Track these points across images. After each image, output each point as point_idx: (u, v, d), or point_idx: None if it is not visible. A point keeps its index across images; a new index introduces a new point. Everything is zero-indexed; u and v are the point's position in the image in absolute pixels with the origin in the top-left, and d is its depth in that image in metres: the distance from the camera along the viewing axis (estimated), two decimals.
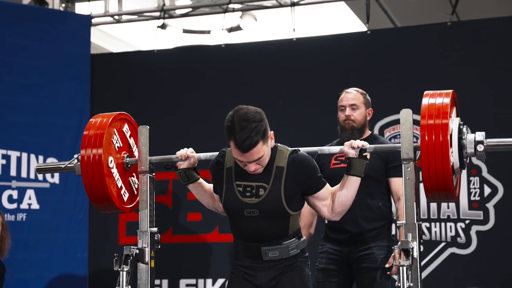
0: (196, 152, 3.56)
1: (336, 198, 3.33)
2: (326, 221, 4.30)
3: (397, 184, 4.17)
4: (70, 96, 6.21)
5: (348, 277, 4.26)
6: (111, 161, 3.71)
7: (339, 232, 4.22)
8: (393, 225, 4.49)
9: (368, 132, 4.32)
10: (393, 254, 4.08)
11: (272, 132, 3.24)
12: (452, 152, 3.20)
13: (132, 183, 3.87)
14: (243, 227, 3.32)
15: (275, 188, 3.25)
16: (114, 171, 3.73)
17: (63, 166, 3.90)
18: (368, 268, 4.17)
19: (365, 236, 4.19)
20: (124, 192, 3.80)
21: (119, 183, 3.76)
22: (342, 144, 3.91)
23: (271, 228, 3.27)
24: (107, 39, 8.56)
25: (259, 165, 3.21)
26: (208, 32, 8.63)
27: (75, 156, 3.78)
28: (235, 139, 3.12)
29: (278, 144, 3.34)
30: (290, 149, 3.34)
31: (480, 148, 3.25)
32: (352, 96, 4.31)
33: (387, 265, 4.10)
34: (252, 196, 3.26)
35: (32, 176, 5.97)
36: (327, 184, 3.36)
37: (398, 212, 4.16)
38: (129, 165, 3.82)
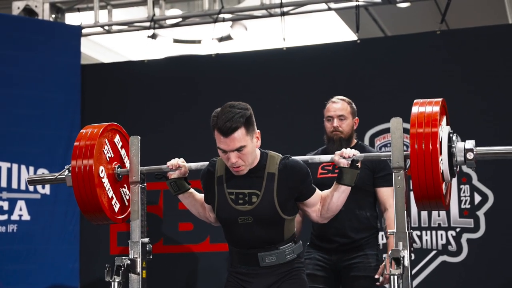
0: (187, 162, 3.57)
1: (325, 204, 3.35)
2: (313, 230, 4.28)
3: (385, 194, 4.17)
4: (60, 106, 6.20)
5: (334, 285, 4.23)
6: (102, 170, 3.71)
7: (327, 241, 4.20)
8: (380, 234, 4.48)
9: (354, 141, 4.31)
10: (383, 264, 4.08)
11: (258, 131, 3.26)
12: (442, 160, 3.21)
13: (123, 194, 3.87)
14: (237, 235, 3.32)
15: (268, 194, 3.25)
16: (105, 181, 3.72)
17: (54, 177, 3.90)
18: (357, 277, 4.15)
19: (354, 245, 4.18)
20: (115, 202, 3.80)
21: (110, 194, 3.75)
22: (328, 153, 3.92)
23: (267, 234, 3.28)
24: (97, 49, 8.57)
25: (242, 160, 3.19)
26: (199, 41, 8.65)
27: (66, 167, 3.78)
28: (218, 123, 3.15)
29: (269, 151, 3.35)
30: (281, 155, 3.34)
31: (470, 156, 3.26)
32: (339, 106, 4.27)
33: (377, 276, 4.08)
34: (245, 203, 3.26)
35: (23, 187, 5.96)
36: (317, 190, 3.37)
37: (386, 222, 4.15)
38: (120, 176, 3.82)
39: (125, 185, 3.89)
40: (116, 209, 3.80)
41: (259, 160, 3.29)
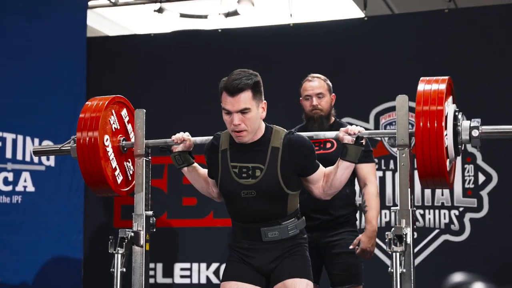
0: (192, 137, 3.57)
1: (328, 181, 3.35)
2: None
3: (364, 170, 4.16)
4: (66, 79, 6.19)
5: (317, 263, 4.16)
6: (107, 139, 3.72)
7: (308, 219, 4.00)
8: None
9: (332, 119, 4.30)
10: (358, 237, 4.10)
11: (265, 102, 3.26)
12: (446, 138, 3.21)
13: (127, 168, 3.88)
14: (241, 209, 3.32)
15: (272, 168, 3.25)
16: (110, 150, 3.73)
17: (58, 148, 3.91)
18: (339, 254, 4.15)
19: (334, 223, 4.18)
20: (119, 174, 3.81)
21: (114, 165, 3.76)
22: (307, 131, 3.90)
23: (270, 208, 3.28)
24: (103, 22, 8.53)
25: (244, 124, 3.19)
26: (205, 17, 8.60)
27: (72, 137, 3.79)
28: (226, 83, 3.17)
29: (274, 125, 3.35)
30: (286, 130, 3.34)
31: (475, 134, 3.26)
32: (316, 84, 4.25)
33: (351, 246, 4.09)
34: (249, 177, 3.26)
35: (27, 158, 5.97)
36: (321, 166, 3.37)
37: (365, 196, 4.15)
38: (125, 149, 3.82)
39: (129, 159, 3.90)
40: (119, 181, 3.81)
41: (264, 134, 3.29)
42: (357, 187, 4.30)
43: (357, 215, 4.34)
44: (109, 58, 6.55)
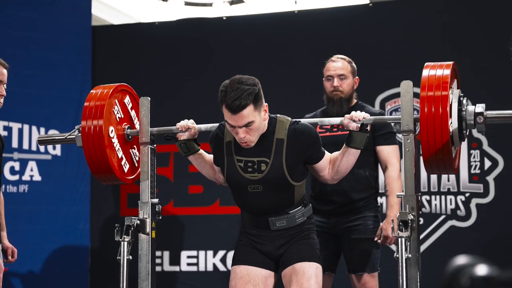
0: (198, 124, 3.57)
1: (335, 167, 3.35)
2: (312, 193, 4.20)
3: (385, 152, 4.09)
4: (71, 68, 6.20)
5: (334, 250, 4.14)
6: (112, 131, 3.72)
7: (325, 203, 4.10)
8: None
9: (354, 101, 4.22)
10: (380, 226, 4.06)
11: (266, 104, 3.22)
12: (451, 124, 3.20)
13: (133, 155, 3.89)
14: (248, 202, 3.34)
15: (277, 162, 3.24)
16: (115, 141, 3.74)
17: (64, 137, 3.92)
18: (358, 240, 4.09)
19: (353, 207, 4.10)
20: (125, 163, 3.82)
21: (120, 154, 3.77)
22: (328, 114, 3.88)
23: (276, 200, 3.29)
24: (107, 10, 8.52)
25: (249, 135, 3.18)
26: (210, 4, 8.58)
27: (76, 127, 3.80)
28: (226, 100, 3.11)
29: (278, 115, 3.33)
30: (290, 119, 3.32)
31: (480, 119, 3.25)
32: (339, 65, 4.19)
33: (376, 238, 4.03)
34: (254, 172, 3.26)
35: (33, 148, 5.99)
36: (326, 153, 3.36)
37: (386, 180, 4.07)
38: (130, 137, 3.83)
39: (134, 146, 3.91)
40: (126, 170, 3.82)
41: (268, 127, 3.27)
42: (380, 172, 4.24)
43: (379, 199, 4.27)
44: (114, 47, 6.55)
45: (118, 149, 3.76)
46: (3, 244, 4.10)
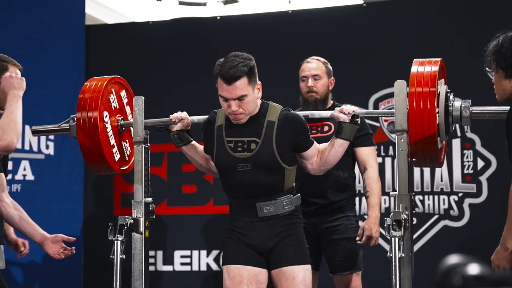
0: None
1: (323, 157, 3.39)
2: None
3: (364, 153, 4.13)
4: (65, 67, 6.18)
5: (315, 250, 4.12)
6: (106, 115, 3.74)
7: (305, 204, 4.02)
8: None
9: (330, 102, 4.25)
10: (362, 226, 4.08)
11: (260, 82, 3.29)
12: (438, 117, 3.28)
13: (124, 148, 3.90)
14: (236, 183, 3.35)
15: (267, 141, 3.29)
16: (109, 127, 3.76)
17: (58, 126, 3.93)
18: (340, 240, 4.11)
19: (333, 207, 4.13)
20: (116, 152, 3.84)
21: (112, 141, 3.79)
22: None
23: (265, 182, 3.31)
24: (102, 10, 8.51)
25: (242, 108, 3.24)
26: (204, 4, 8.58)
27: (71, 116, 3.80)
28: (221, 71, 3.21)
29: (271, 102, 3.39)
30: (282, 106, 3.38)
31: (466, 113, 3.33)
32: (314, 66, 4.22)
33: (358, 238, 4.04)
34: (244, 151, 3.30)
35: (27, 147, 5.97)
36: (315, 143, 3.40)
37: (366, 181, 4.11)
38: (123, 128, 3.84)
39: (126, 140, 3.92)
40: (117, 159, 3.84)
41: (260, 109, 3.34)
42: (357, 171, 4.29)
43: (357, 200, 4.34)
44: (108, 46, 6.54)
45: (111, 135, 3.78)
46: (11, 238, 4.11)
